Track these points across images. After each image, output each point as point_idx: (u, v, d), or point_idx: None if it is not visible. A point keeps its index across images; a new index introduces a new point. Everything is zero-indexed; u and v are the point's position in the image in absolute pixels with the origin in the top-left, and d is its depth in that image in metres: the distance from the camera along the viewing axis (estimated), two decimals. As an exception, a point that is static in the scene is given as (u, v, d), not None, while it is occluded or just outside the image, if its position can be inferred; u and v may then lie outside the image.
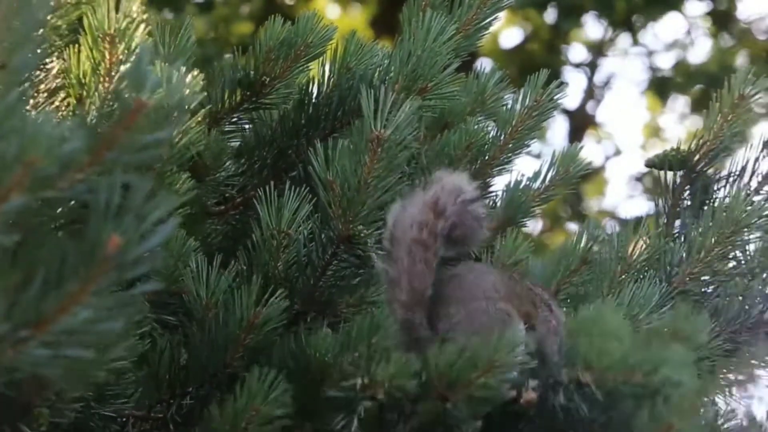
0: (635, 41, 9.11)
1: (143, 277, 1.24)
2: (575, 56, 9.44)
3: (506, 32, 8.94)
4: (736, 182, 2.22)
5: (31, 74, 1.72)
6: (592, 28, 9.22)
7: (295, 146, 2.20)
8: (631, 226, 2.18)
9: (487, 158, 2.20)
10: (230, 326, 1.81)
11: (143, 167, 1.33)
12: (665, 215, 2.29)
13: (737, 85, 2.26)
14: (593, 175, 8.99)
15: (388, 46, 2.31)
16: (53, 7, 1.84)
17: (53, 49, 1.90)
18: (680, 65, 9.09)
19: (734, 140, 2.27)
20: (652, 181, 9.53)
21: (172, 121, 1.30)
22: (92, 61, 1.88)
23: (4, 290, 1.19)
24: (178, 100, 1.30)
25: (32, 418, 1.51)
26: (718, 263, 2.13)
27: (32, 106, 1.85)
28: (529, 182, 2.26)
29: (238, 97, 2.19)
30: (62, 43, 1.92)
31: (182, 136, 1.76)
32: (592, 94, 9.31)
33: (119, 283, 1.22)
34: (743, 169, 2.31)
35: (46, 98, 1.92)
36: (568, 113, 9.05)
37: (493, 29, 2.30)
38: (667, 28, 14.23)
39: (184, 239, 1.87)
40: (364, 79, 2.15)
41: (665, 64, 9.18)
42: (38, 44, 1.55)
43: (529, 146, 2.22)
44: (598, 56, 9.21)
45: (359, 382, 1.58)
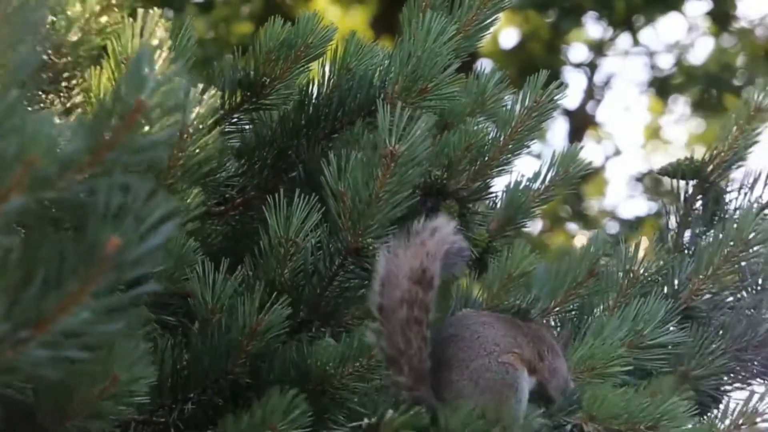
0: (635, 41, 9.11)
1: (143, 278, 1.24)
2: (575, 56, 9.45)
3: (506, 32, 8.94)
4: (747, 195, 2.19)
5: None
6: (592, 28, 9.22)
7: (295, 147, 2.20)
8: (638, 238, 2.16)
9: (486, 159, 2.19)
10: (233, 332, 1.80)
11: (143, 168, 1.33)
12: (676, 225, 2.27)
13: (754, 97, 2.24)
14: (593, 175, 8.99)
15: (388, 46, 2.31)
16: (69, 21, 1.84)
17: (78, 69, 1.91)
18: (680, 65, 9.09)
19: (748, 152, 2.25)
20: (652, 181, 9.54)
21: (172, 123, 1.29)
22: (113, 83, 1.89)
23: (4, 290, 1.19)
24: (178, 101, 1.29)
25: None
26: (725, 279, 2.12)
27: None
28: (529, 183, 2.26)
29: (238, 97, 2.19)
30: (86, 64, 1.93)
31: (198, 151, 1.75)
32: (592, 94, 9.31)
33: (119, 284, 1.22)
34: (755, 181, 2.29)
35: (63, 113, 1.93)
36: (568, 113, 9.05)
37: (493, 29, 2.30)
38: (667, 28, 14.25)
39: (183, 240, 1.86)
40: (364, 79, 2.15)
41: (665, 64, 9.19)
42: (37, 44, 1.54)
43: (529, 147, 2.21)
44: (598, 56, 9.21)
45: (365, 422, 1.59)
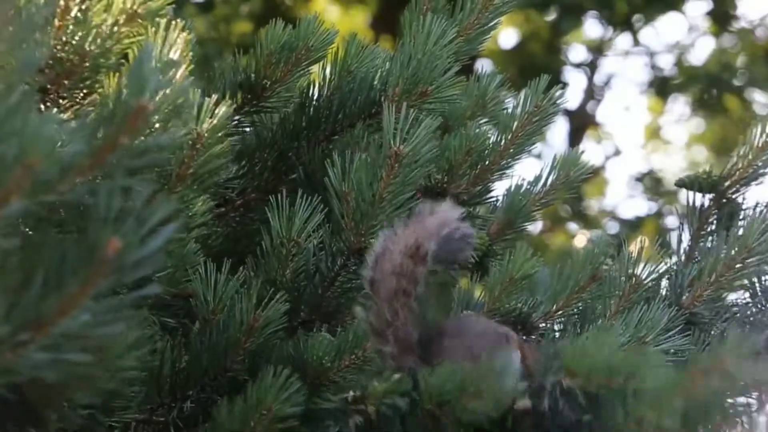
0: (635, 41, 9.11)
1: (144, 280, 1.24)
2: (575, 56, 9.45)
3: (506, 32, 8.93)
4: (762, 212, 2.18)
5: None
6: (592, 28, 9.22)
7: (295, 149, 2.20)
8: (639, 239, 2.16)
9: (487, 163, 2.19)
10: (231, 329, 1.80)
11: (149, 172, 1.33)
12: (689, 238, 2.26)
13: None
14: (593, 175, 8.99)
15: (388, 47, 2.31)
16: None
17: (99, 77, 1.90)
18: (680, 65, 9.08)
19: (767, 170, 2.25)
20: (652, 181, 9.54)
21: (173, 125, 1.29)
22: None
23: (3, 291, 1.19)
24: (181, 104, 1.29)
25: (39, 423, 1.50)
26: (727, 287, 2.12)
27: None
28: (529, 186, 2.26)
29: (238, 99, 2.18)
30: (107, 72, 1.92)
31: (206, 163, 1.75)
32: (592, 94, 9.31)
33: (121, 286, 1.22)
34: None
35: (74, 117, 1.92)
36: (568, 113, 9.05)
37: (493, 33, 2.30)
38: (667, 28, 14.26)
39: (184, 242, 1.86)
40: (364, 82, 2.15)
41: (665, 64, 9.18)
42: (39, 44, 1.54)
43: (529, 151, 2.21)
44: (598, 56, 9.20)
45: (351, 394, 1.59)
